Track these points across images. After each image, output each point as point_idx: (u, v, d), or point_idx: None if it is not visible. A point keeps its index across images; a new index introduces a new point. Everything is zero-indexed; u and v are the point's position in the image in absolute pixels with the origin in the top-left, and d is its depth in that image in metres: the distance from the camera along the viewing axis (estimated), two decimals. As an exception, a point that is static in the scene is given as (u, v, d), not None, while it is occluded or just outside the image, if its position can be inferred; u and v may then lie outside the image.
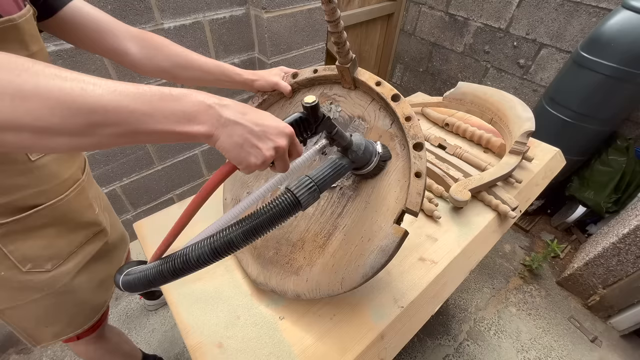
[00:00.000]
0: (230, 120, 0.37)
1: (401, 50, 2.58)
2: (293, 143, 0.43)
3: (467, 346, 1.42)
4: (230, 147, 0.38)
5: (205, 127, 0.36)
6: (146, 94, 0.33)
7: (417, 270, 0.73)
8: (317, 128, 0.47)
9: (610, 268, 1.45)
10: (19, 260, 0.59)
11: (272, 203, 0.42)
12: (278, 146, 0.40)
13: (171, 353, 1.38)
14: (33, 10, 0.49)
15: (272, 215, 0.41)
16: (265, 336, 0.62)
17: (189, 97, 0.36)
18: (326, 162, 0.49)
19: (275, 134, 0.40)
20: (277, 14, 1.35)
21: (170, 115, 0.34)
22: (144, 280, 0.42)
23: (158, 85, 0.35)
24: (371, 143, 0.56)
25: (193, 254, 0.40)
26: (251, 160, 0.39)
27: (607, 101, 1.46)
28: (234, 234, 0.40)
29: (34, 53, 0.49)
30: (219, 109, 0.37)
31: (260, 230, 0.41)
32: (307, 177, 0.46)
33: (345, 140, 0.51)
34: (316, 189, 0.45)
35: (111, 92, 0.31)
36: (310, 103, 0.44)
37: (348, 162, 0.51)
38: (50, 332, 0.73)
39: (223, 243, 0.40)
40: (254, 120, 0.39)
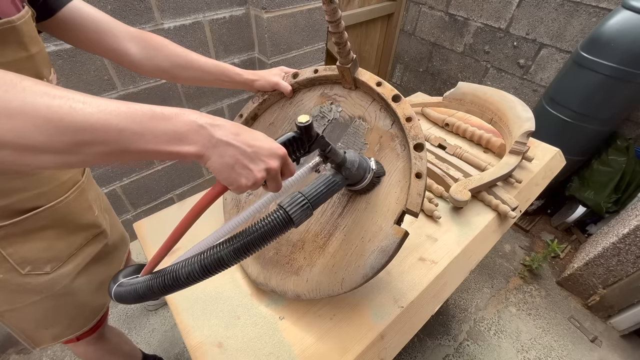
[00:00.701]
0: (222, 141, 0.37)
1: (401, 50, 2.58)
2: (285, 163, 0.42)
3: (467, 346, 1.42)
4: (221, 168, 0.37)
5: (195, 147, 0.35)
6: (137, 113, 0.33)
7: (417, 270, 0.73)
8: (310, 147, 0.46)
9: (610, 268, 1.45)
10: (17, 262, 0.59)
11: (264, 220, 0.42)
12: (270, 168, 0.40)
13: (171, 353, 1.38)
14: (32, 11, 0.49)
15: (263, 232, 0.41)
16: (265, 336, 0.62)
17: (181, 116, 0.35)
18: (320, 179, 0.49)
19: (267, 155, 0.39)
20: (277, 14, 1.35)
21: (161, 135, 0.33)
22: (134, 294, 0.42)
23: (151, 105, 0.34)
24: (365, 160, 0.56)
25: (183, 270, 0.39)
26: (242, 182, 0.39)
27: (607, 101, 1.46)
28: (224, 251, 0.39)
29: (33, 54, 0.48)
30: (211, 129, 0.36)
31: (251, 248, 0.40)
32: (300, 194, 0.45)
33: (339, 158, 0.50)
34: (309, 207, 0.44)
35: (101, 111, 0.31)
36: (304, 123, 0.43)
37: (341, 179, 0.51)
38: (49, 334, 0.73)
39: (213, 261, 0.39)
40: (247, 141, 0.38)
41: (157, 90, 1.34)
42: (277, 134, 0.74)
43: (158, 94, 1.35)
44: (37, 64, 0.50)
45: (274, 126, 0.76)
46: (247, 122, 0.79)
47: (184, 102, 1.45)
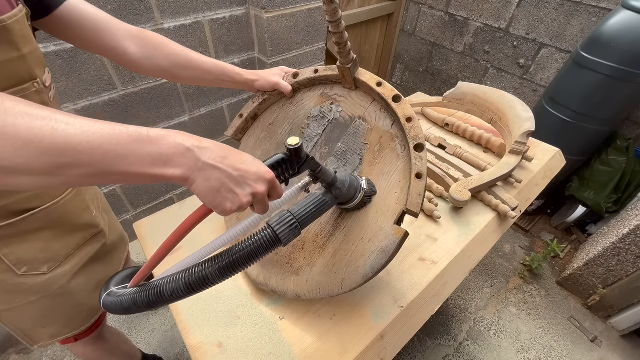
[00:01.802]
0: (208, 164, 0.36)
1: (401, 50, 2.58)
2: (273, 186, 0.42)
3: (467, 346, 1.42)
4: (206, 192, 0.37)
5: (180, 170, 0.35)
6: (122, 135, 0.32)
7: (417, 270, 0.73)
8: (299, 168, 0.45)
9: (610, 268, 1.45)
10: (14, 263, 0.59)
11: (251, 239, 0.41)
12: (256, 192, 0.39)
13: (171, 353, 1.38)
14: (26, 10, 0.48)
15: (250, 251, 0.40)
16: (265, 336, 0.62)
17: (167, 139, 0.35)
18: (309, 198, 0.48)
19: (254, 180, 0.39)
20: (277, 14, 1.35)
21: (146, 158, 0.33)
22: (119, 307, 0.41)
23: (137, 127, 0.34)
24: (356, 179, 0.55)
25: (167, 287, 0.39)
26: (227, 206, 0.38)
27: (607, 101, 1.46)
28: (209, 269, 0.39)
29: (25, 54, 0.48)
30: (197, 152, 0.36)
31: (237, 267, 0.40)
32: (289, 213, 0.45)
33: (329, 178, 0.50)
34: (297, 226, 0.44)
35: (84, 132, 0.30)
36: (294, 145, 0.42)
37: (331, 199, 0.51)
38: (47, 333, 0.73)
39: (198, 279, 0.38)
40: (233, 165, 0.38)
41: (157, 90, 1.34)
42: (277, 134, 0.75)
43: (158, 93, 1.35)
44: (30, 64, 0.49)
45: (274, 126, 0.76)
46: (247, 121, 0.79)
47: (184, 101, 1.45)
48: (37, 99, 0.52)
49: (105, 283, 0.47)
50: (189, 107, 1.48)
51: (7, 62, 0.45)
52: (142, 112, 1.35)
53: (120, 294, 0.42)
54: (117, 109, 1.28)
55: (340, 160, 0.66)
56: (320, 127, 0.70)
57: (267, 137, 0.76)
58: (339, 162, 0.66)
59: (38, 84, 0.51)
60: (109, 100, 1.24)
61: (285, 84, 0.72)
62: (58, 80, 1.10)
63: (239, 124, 0.78)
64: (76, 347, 0.85)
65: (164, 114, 1.42)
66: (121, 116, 1.30)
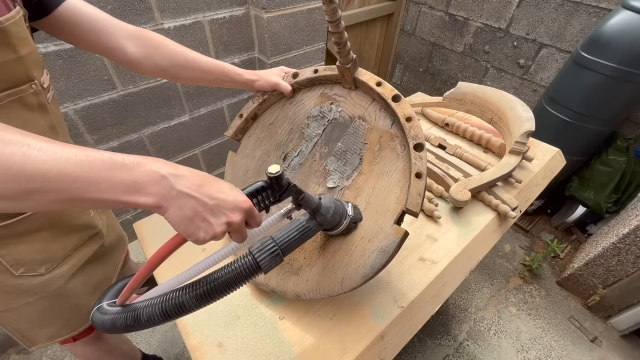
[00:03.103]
0: (183, 193, 0.36)
1: (401, 50, 2.58)
2: (251, 215, 0.41)
3: (467, 346, 1.42)
4: (179, 220, 0.36)
5: (153, 198, 0.34)
6: (95, 162, 0.32)
7: (417, 270, 0.73)
8: (280, 196, 0.45)
9: (610, 268, 1.45)
10: (11, 264, 0.59)
11: (230, 266, 0.40)
12: (231, 222, 0.38)
13: (171, 353, 1.38)
14: (23, 11, 0.48)
15: (229, 279, 0.39)
16: (265, 336, 0.62)
17: (143, 166, 0.34)
18: (293, 224, 0.48)
19: (230, 209, 0.38)
20: (277, 14, 1.35)
21: (118, 185, 0.33)
22: (102, 326, 0.41)
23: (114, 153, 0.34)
24: (342, 205, 0.54)
25: (144, 311, 0.38)
26: (200, 235, 0.37)
27: (607, 101, 1.46)
28: (185, 296, 0.38)
29: (22, 56, 0.48)
30: (172, 180, 0.35)
31: (215, 295, 0.39)
32: (271, 240, 0.44)
33: (313, 204, 0.49)
34: (279, 253, 0.43)
35: (56, 159, 0.30)
36: (274, 173, 0.41)
37: (315, 225, 0.50)
38: (44, 334, 0.73)
39: (174, 306, 0.38)
40: (209, 194, 0.37)
41: (157, 90, 1.34)
42: (277, 134, 0.75)
43: (158, 93, 1.35)
44: (27, 66, 0.49)
45: (273, 126, 0.76)
46: (247, 121, 0.79)
47: (184, 101, 1.45)
48: (35, 100, 0.52)
49: (101, 295, 0.46)
50: (189, 107, 1.48)
51: (4, 64, 0.45)
52: (142, 112, 1.35)
53: (105, 311, 0.42)
54: (117, 109, 1.28)
55: (340, 159, 0.66)
56: (320, 127, 0.70)
57: (267, 137, 0.76)
58: (339, 162, 0.66)
59: (36, 86, 0.51)
60: (109, 100, 1.24)
61: (285, 84, 0.72)
62: (58, 80, 1.10)
63: (238, 124, 0.78)
64: (75, 347, 0.85)
65: (164, 114, 1.42)
66: (121, 116, 1.30)
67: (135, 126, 1.37)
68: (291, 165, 0.72)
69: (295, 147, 0.72)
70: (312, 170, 0.69)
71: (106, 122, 1.28)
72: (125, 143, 1.37)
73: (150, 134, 1.43)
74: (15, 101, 0.49)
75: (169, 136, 1.50)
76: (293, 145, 0.73)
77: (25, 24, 0.49)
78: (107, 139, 1.32)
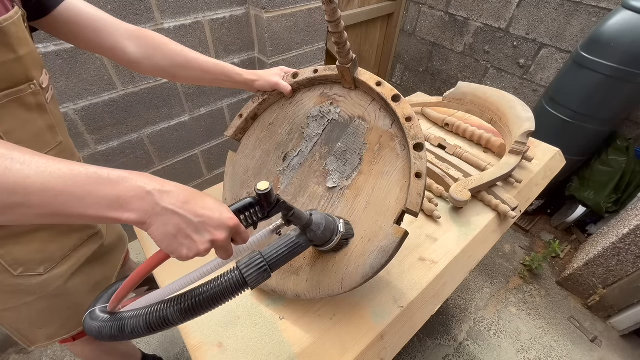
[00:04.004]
0: (167, 210, 0.35)
1: (401, 50, 2.58)
2: (237, 232, 0.40)
3: (467, 346, 1.42)
4: (162, 237, 0.36)
5: (136, 215, 0.34)
6: (79, 176, 0.32)
7: (417, 270, 0.73)
8: (269, 213, 0.44)
9: (610, 268, 1.45)
10: (9, 264, 0.59)
11: (217, 281, 0.40)
12: (215, 239, 0.38)
13: (171, 353, 1.38)
14: (22, 11, 0.48)
15: (214, 294, 0.39)
16: (265, 336, 0.62)
17: (129, 181, 0.34)
18: (282, 240, 0.47)
19: (215, 226, 0.37)
20: (277, 14, 1.35)
21: (102, 200, 0.32)
22: (90, 333, 0.41)
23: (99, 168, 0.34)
24: (333, 221, 0.53)
25: (129, 322, 0.38)
26: (183, 252, 0.37)
27: (607, 101, 1.46)
28: (170, 310, 0.38)
29: (21, 56, 0.47)
30: (157, 196, 0.35)
31: (200, 310, 0.39)
32: (259, 256, 0.43)
33: (303, 221, 0.48)
34: (267, 269, 0.42)
35: (39, 173, 0.30)
36: (263, 190, 0.41)
37: (305, 241, 0.49)
38: (44, 333, 0.73)
39: (158, 319, 0.37)
40: (194, 211, 0.36)
41: (157, 90, 1.34)
42: (277, 134, 0.75)
43: (158, 93, 1.35)
44: (26, 66, 0.49)
45: (273, 126, 0.76)
46: (247, 121, 0.79)
47: (184, 101, 1.45)
48: (34, 100, 0.52)
49: (96, 298, 0.46)
50: (189, 107, 1.48)
51: (2, 64, 0.45)
52: (142, 112, 1.35)
53: (95, 317, 0.42)
54: (117, 108, 1.28)
55: (340, 159, 0.66)
56: (320, 127, 0.70)
57: (267, 137, 0.76)
58: (339, 162, 0.66)
59: (35, 86, 0.51)
60: (109, 100, 1.24)
61: (285, 84, 0.72)
62: (58, 80, 1.10)
63: (238, 124, 0.78)
64: (75, 346, 0.85)
65: (164, 114, 1.42)
66: (121, 116, 1.30)
67: (135, 126, 1.37)
68: (291, 165, 0.72)
69: (295, 147, 0.72)
70: (312, 170, 0.69)
71: (106, 122, 1.28)
72: (125, 143, 1.37)
73: (150, 134, 1.43)
74: (13, 101, 0.49)
75: (169, 136, 1.50)
76: (293, 145, 0.73)
77: (25, 24, 0.49)
78: (107, 139, 1.32)
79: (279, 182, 0.72)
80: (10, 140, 0.49)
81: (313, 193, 0.67)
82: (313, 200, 0.67)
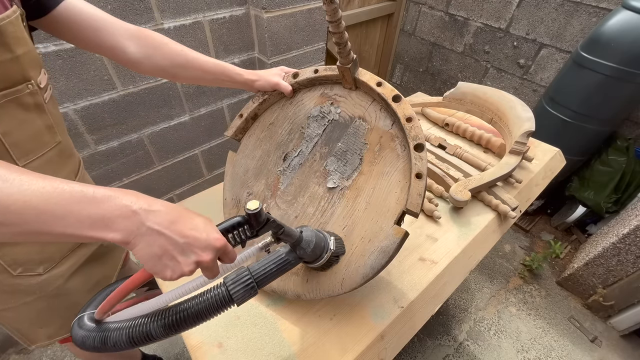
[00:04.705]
0: (153, 230, 0.34)
1: (401, 50, 2.58)
2: (224, 252, 0.40)
3: (467, 346, 1.42)
4: (146, 258, 0.35)
5: (120, 235, 0.33)
6: (63, 194, 0.31)
7: (417, 270, 0.73)
8: (258, 231, 0.44)
9: (610, 268, 1.45)
10: (9, 264, 0.59)
11: (202, 296, 0.39)
12: (200, 261, 0.37)
13: (171, 353, 1.38)
14: (20, 10, 0.48)
15: (199, 310, 0.38)
16: (265, 336, 0.62)
17: (114, 200, 0.33)
18: (272, 256, 0.47)
19: (201, 248, 0.37)
20: (277, 14, 1.35)
21: (85, 219, 0.32)
22: (74, 340, 0.41)
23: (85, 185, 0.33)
24: (324, 239, 0.53)
25: (112, 335, 0.37)
26: (167, 274, 0.36)
27: (607, 101, 1.46)
28: (153, 324, 0.37)
29: (19, 56, 0.47)
30: (143, 215, 0.34)
31: (184, 325, 0.38)
32: (247, 272, 0.43)
33: (293, 239, 0.48)
34: (254, 286, 0.42)
35: (21, 192, 0.29)
36: (253, 210, 0.40)
37: (295, 258, 0.48)
38: (43, 333, 0.73)
39: (141, 333, 0.37)
40: (181, 231, 0.36)
41: (157, 90, 1.34)
42: (278, 134, 0.75)
43: (158, 93, 1.35)
44: (23, 66, 0.49)
45: (274, 126, 0.76)
46: (247, 121, 0.79)
47: (184, 101, 1.45)
48: (32, 100, 0.52)
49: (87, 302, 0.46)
50: (189, 107, 1.48)
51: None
52: (142, 112, 1.35)
53: (82, 325, 0.42)
54: (117, 108, 1.28)
55: (340, 160, 0.66)
56: (320, 127, 0.70)
57: (267, 137, 0.76)
58: (339, 162, 0.66)
59: (32, 86, 0.51)
60: (108, 100, 1.24)
61: (286, 84, 0.72)
62: (58, 80, 1.10)
63: (239, 124, 0.78)
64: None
65: (164, 114, 1.42)
66: (121, 116, 1.30)
67: (135, 126, 1.37)
68: (291, 165, 0.72)
69: (295, 147, 0.72)
70: (312, 170, 0.69)
71: (106, 122, 1.28)
72: (125, 143, 1.37)
73: (150, 134, 1.43)
74: (11, 101, 0.48)
75: (169, 136, 1.50)
76: (293, 145, 0.73)
77: (23, 23, 0.49)
78: (107, 139, 1.32)
79: (279, 182, 0.72)
80: (9, 141, 0.49)
81: (313, 193, 0.67)
82: (313, 201, 0.67)
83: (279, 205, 0.71)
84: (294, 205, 0.69)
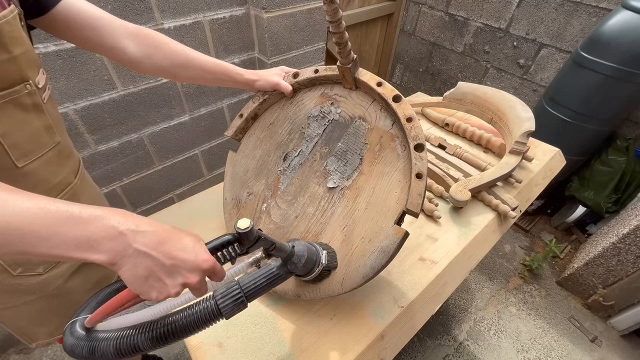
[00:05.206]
0: (140, 252, 0.34)
1: (401, 50, 2.58)
2: (213, 272, 0.39)
3: (467, 346, 1.42)
4: (132, 279, 0.35)
5: (106, 256, 0.33)
6: (48, 216, 0.31)
7: (417, 270, 0.73)
8: (249, 249, 0.43)
9: (610, 268, 1.45)
10: (8, 264, 0.58)
11: (190, 309, 0.39)
12: (187, 283, 0.37)
13: (171, 353, 1.38)
14: (18, 10, 0.47)
15: (187, 323, 0.38)
16: (265, 336, 0.62)
17: (101, 220, 0.33)
18: (262, 270, 0.46)
19: (188, 269, 0.36)
20: (277, 14, 1.35)
21: (70, 241, 0.31)
22: (64, 347, 0.40)
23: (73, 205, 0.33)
24: (316, 253, 0.52)
25: (100, 345, 0.37)
26: (152, 295, 0.36)
27: (607, 101, 1.46)
28: (141, 337, 0.37)
29: (16, 56, 0.47)
30: (130, 236, 0.34)
31: (171, 338, 0.38)
32: (237, 286, 0.42)
33: (284, 254, 0.47)
34: (243, 301, 0.41)
35: (6, 212, 0.29)
36: (243, 229, 0.40)
37: (285, 272, 0.48)
38: (44, 331, 0.73)
39: (127, 345, 0.37)
40: (168, 252, 0.35)
41: (157, 89, 1.34)
42: (278, 134, 0.75)
43: (158, 93, 1.35)
44: (21, 66, 0.48)
45: (274, 126, 0.76)
46: (248, 121, 0.79)
47: (184, 101, 1.45)
48: (30, 100, 0.52)
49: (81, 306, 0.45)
50: (189, 107, 1.48)
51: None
52: (142, 112, 1.35)
53: (73, 332, 0.41)
54: (117, 108, 1.28)
55: (340, 160, 0.66)
56: (321, 127, 0.70)
57: (267, 137, 0.76)
58: (339, 162, 0.66)
59: (30, 86, 0.51)
60: (109, 100, 1.24)
61: (286, 84, 0.72)
62: (58, 80, 1.09)
63: (239, 123, 0.78)
64: None
65: (164, 114, 1.42)
66: (121, 116, 1.30)
67: (135, 126, 1.37)
68: (291, 165, 0.72)
69: (295, 147, 0.72)
70: (313, 170, 0.69)
71: (106, 122, 1.28)
72: (125, 143, 1.37)
73: (150, 134, 1.43)
74: (9, 102, 0.48)
75: (169, 136, 1.50)
76: (293, 145, 0.73)
77: (21, 22, 0.48)
78: (107, 139, 1.32)
79: (279, 182, 0.72)
80: (7, 142, 0.49)
81: (313, 193, 0.67)
82: (313, 201, 0.67)
83: (279, 205, 0.71)
84: (294, 205, 0.69)
